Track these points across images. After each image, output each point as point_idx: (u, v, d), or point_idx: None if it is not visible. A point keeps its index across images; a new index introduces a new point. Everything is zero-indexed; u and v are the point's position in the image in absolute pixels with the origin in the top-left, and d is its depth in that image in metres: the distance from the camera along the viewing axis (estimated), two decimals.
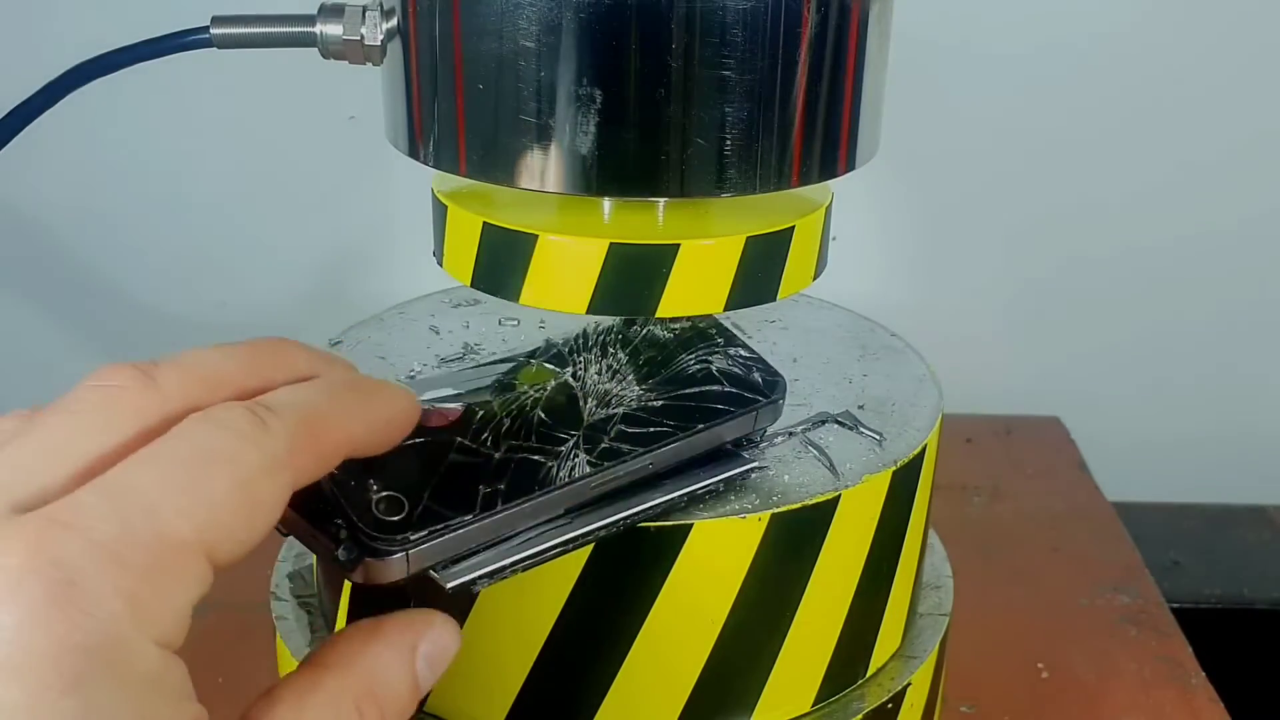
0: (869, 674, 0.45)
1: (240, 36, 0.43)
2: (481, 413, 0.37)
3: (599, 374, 0.40)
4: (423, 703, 0.42)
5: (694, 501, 0.39)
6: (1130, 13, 0.78)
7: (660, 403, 0.39)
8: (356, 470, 0.32)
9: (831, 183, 0.43)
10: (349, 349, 0.49)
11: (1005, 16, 0.78)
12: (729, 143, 0.38)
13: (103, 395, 0.26)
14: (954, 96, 0.79)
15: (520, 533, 0.35)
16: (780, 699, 0.42)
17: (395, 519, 0.31)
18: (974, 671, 0.58)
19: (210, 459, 0.24)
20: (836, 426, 0.44)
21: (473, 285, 0.43)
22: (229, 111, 0.80)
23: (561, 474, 0.36)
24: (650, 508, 0.38)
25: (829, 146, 0.40)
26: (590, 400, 0.39)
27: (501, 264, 0.41)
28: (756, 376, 0.41)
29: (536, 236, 0.40)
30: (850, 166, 0.42)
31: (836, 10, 0.38)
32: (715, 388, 0.41)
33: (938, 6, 0.75)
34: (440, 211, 0.43)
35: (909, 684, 0.45)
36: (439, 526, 0.32)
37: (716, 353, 0.42)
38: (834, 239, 0.45)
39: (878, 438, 0.43)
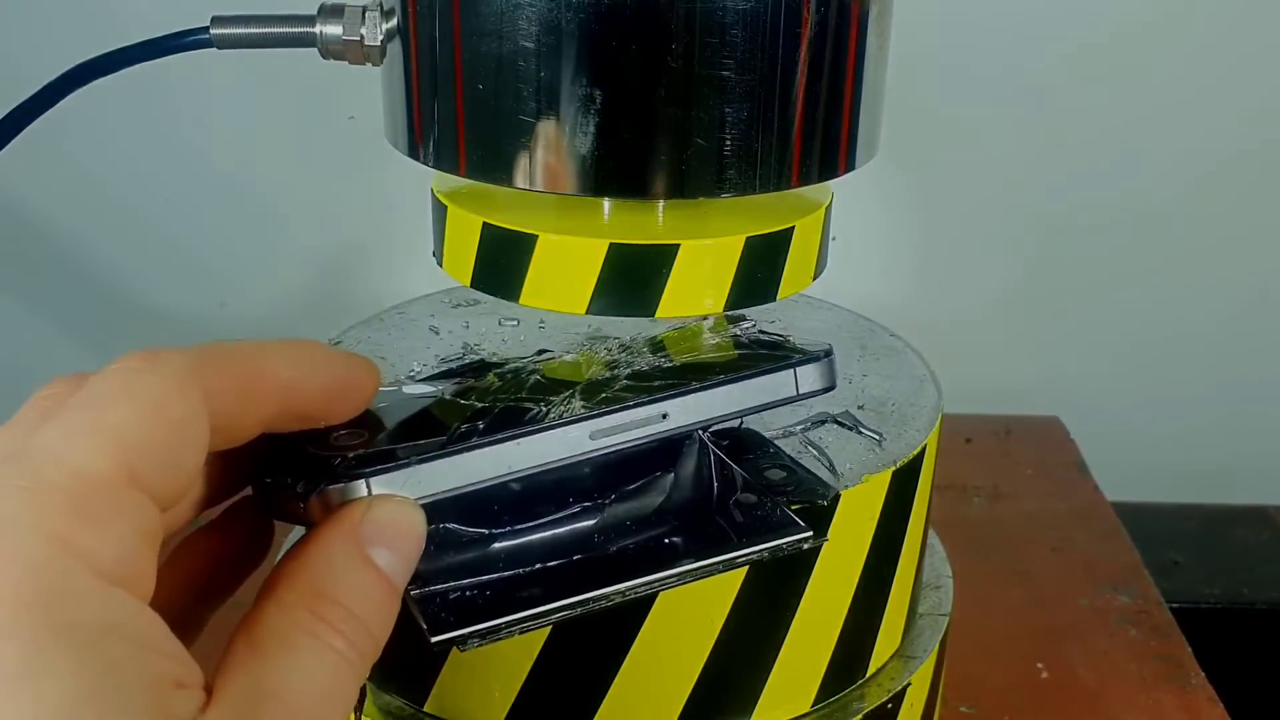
0: (869, 674, 0.45)
1: (240, 37, 0.43)
2: (472, 381, 0.35)
3: (611, 353, 0.38)
4: (424, 686, 0.42)
5: (727, 568, 0.34)
6: (1133, 14, 0.78)
7: (679, 363, 0.35)
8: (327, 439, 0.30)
9: (832, 183, 0.43)
10: (349, 349, 0.49)
11: (1005, 17, 0.78)
12: (729, 143, 0.38)
13: (40, 402, 0.27)
14: (954, 97, 0.79)
15: (521, 596, 0.32)
16: (780, 699, 0.42)
17: (359, 454, 0.30)
18: (974, 671, 0.58)
19: (107, 396, 0.24)
20: (836, 426, 0.44)
21: (472, 285, 0.43)
22: (229, 111, 0.80)
23: (552, 415, 0.32)
24: (674, 575, 0.32)
25: (829, 147, 0.40)
26: (597, 366, 0.35)
27: (501, 264, 0.41)
28: (797, 345, 0.38)
29: (536, 236, 0.40)
30: (850, 167, 0.42)
31: (836, 10, 0.38)
32: (748, 351, 0.37)
33: (938, 7, 0.75)
34: (440, 211, 0.43)
35: (909, 684, 0.45)
36: (406, 458, 0.30)
37: (750, 333, 0.39)
38: (834, 239, 0.45)
39: (877, 438, 0.43)
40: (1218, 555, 0.76)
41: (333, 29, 0.41)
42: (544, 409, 0.32)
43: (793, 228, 0.42)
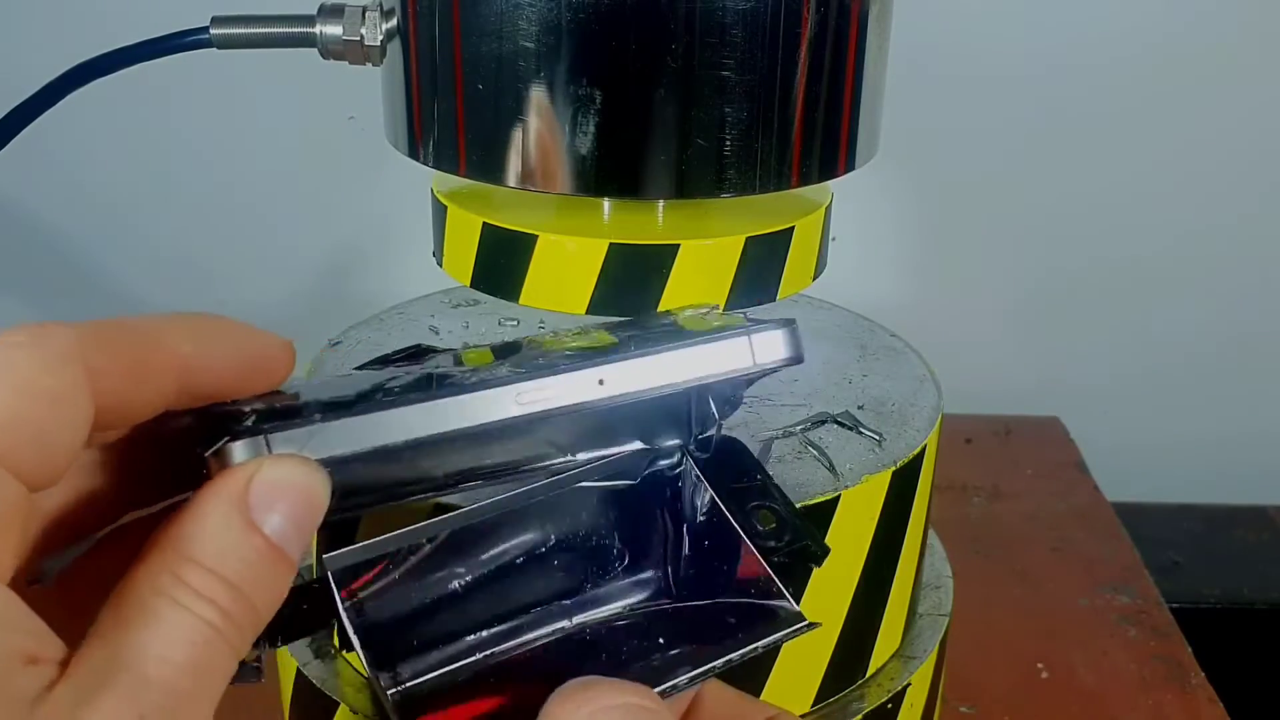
0: (869, 674, 0.44)
1: (240, 37, 0.43)
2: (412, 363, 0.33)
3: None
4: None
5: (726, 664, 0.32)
6: (1131, 15, 0.78)
7: (628, 334, 0.33)
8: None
9: (831, 183, 0.43)
10: (349, 349, 0.49)
11: (1005, 17, 0.78)
12: (729, 143, 0.38)
13: None
14: (954, 97, 0.79)
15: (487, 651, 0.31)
16: (780, 699, 0.42)
17: (262, 409, 0.27)
18: (974, 671, 0.58)
19: None
20: (836, 426, 0.44)
21: (472, 285, 0.43)
22: (228, 112, 0.80)
23: (473, 379, 0.29)
24: (669, 687, 0.31)
25: (829, 147, 0.40)
26: (550, 343, 0.33)
27: (501, 264, 0.41)
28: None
29: (536, 237, 0.40)
30: (850, 167, 0.42)
31: (836, 11, 0.38)
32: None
33: (938, 7, 0.75)
34: (440, 212, 0.43)
35: (909, 684, 0.45)
36: (311, 416, 0.27)
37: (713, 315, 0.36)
38: (834, 239, 0.45)
39: (877, 438, 0.43)
40: (1218, 555, 0.76)
41: (333, 29, 0.41)
42: (469, 375, 0.30)
43: (793, 228, 0.42)
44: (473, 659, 0.33)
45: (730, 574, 0.34)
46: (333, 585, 0.31)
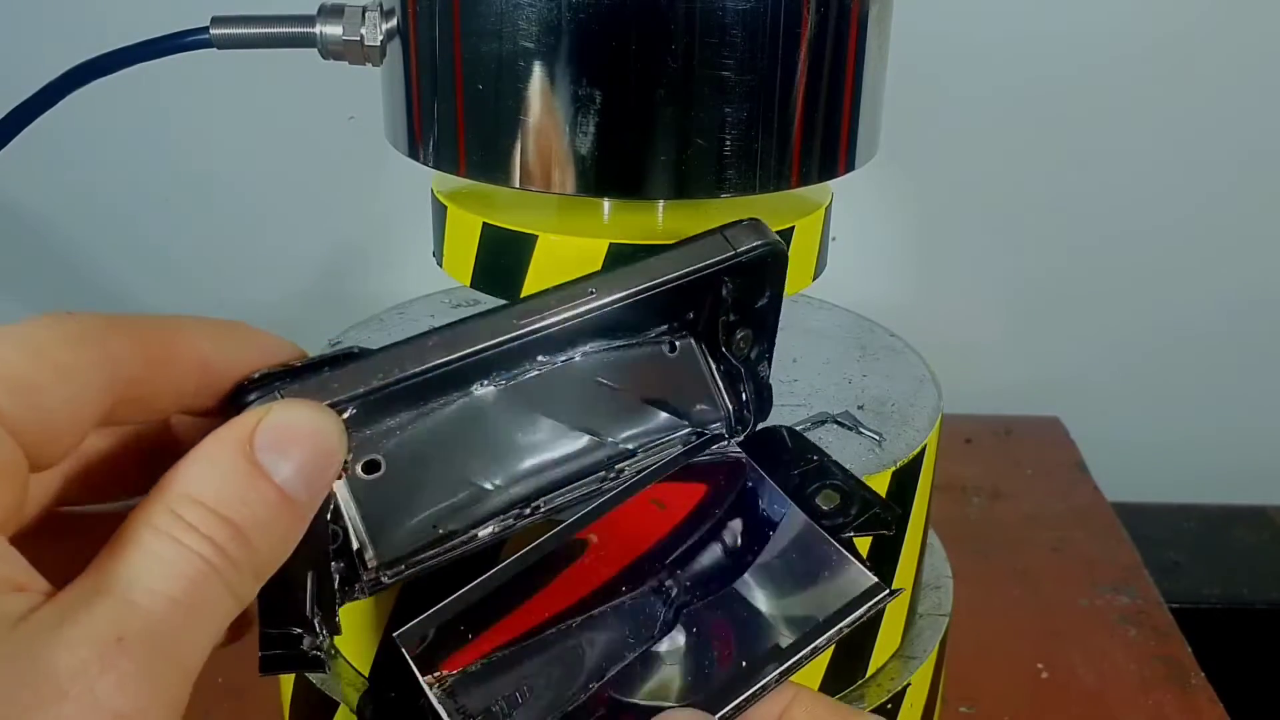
0: (869, 674, 0.44)
1: (240, 37, 0.43)
2: None
3: None
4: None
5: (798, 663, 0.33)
6: (1130, 12, 0.78)
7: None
8: None
9: (831, 183, 0.43)
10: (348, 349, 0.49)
11: (1005, 17, 0.78)
12: (728, 143, 0.38)
13: None
14: (954, 97, 0.79)
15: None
16: None
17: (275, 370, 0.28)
18: (974, 671, 0.58)
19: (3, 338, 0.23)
20: (836, 426, 0.44)
21: (472, 285, 0.43)
22: (229, 112, 0.80)
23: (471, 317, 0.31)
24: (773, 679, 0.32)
25: (828, 147, 0.40)
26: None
27: (501, 264, 0.41)
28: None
29: (536, 237, 0.40)
30: (850, 167, 0.42)
31: (836, 11, 0.38)
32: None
33: (937, 6, 0.75)
34: (440, 212, 0.43)
35: (909, 684, 0.45)
36: (325, 369, 0.29)
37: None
38: (834, 239, 0.45)
39: (877, 438, 0.43)
40: (1218, 555, 0.76)
41: (333, 29, 0.41)
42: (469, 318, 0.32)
43: (792, 228, 0.42)
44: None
45: (799, 561, 0.34)
46: (413, 666, 0.31)
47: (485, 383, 0.32)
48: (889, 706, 0.44)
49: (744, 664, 0.33)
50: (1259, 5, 0.78)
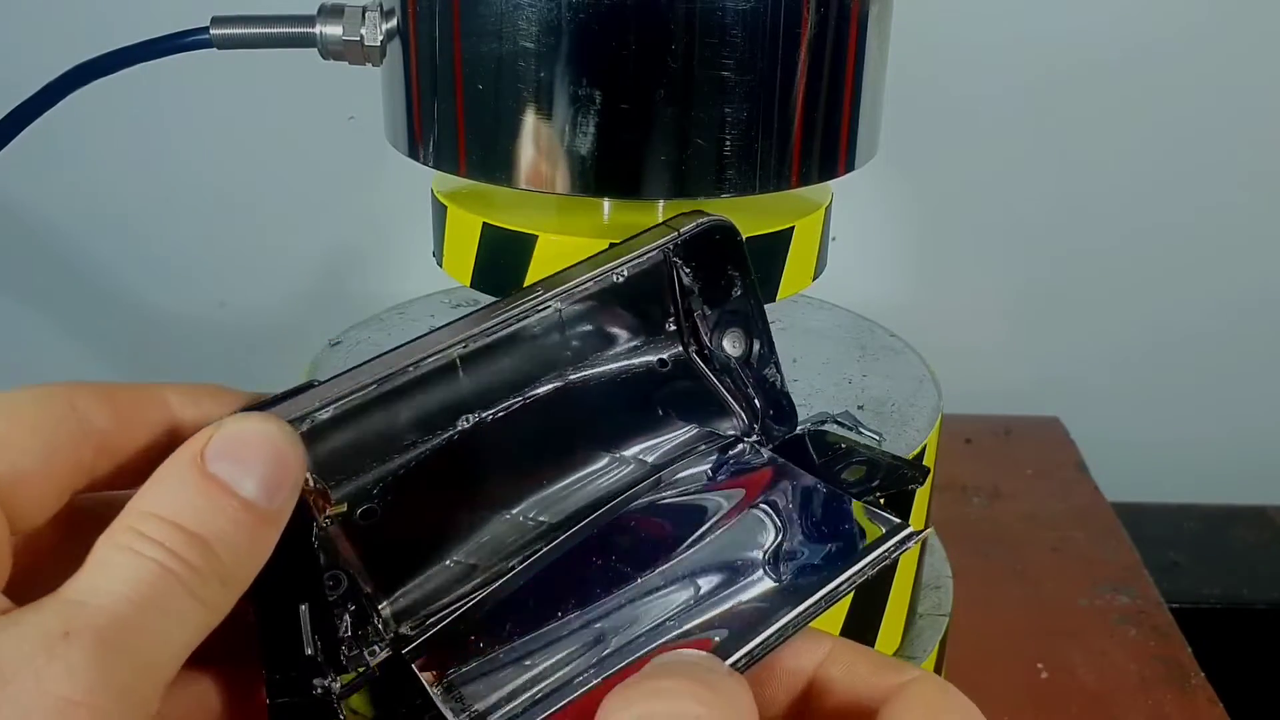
0: None
1: (240, 37, 0.43)
2: None
3: None
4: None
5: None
6: (1129, 13, 0.78)
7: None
8: None
9: (831, 183, 0.43)
10: (349, 349, 0.49)
11: (1005, 16, 0.78)
12: (728, 143, 0.38)
13: None
14: (953, 97, 0.79)
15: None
16: None
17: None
18: (974, 671, 0.58)
19: None
20: (836, 426, 0.44)
21: (472, 285, 0.43)
22: (229, 112, 0.80)
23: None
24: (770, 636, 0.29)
25: (828, 147, 0.40)
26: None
27: (501, 264, 0.41)
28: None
29: (536, 237, 0.40)
30: (850, 167, 0.42)
31: (836, 11, 0.38)
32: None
33: (938, 6, 0.75)
34: (440, 212, 0.43)
35: None
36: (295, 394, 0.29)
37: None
38: (834, 239, 0.45)
39: (877, 438, 0.43)
40: (1218, 555, 0.76)
41: (333, 29, 0.41)
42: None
43: (792, 228, 0.42)
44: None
45: (822, 520, 0.33)
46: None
47: (471, 417, 0.32)
48: None
49: (760, 609, 0.31)
50: (1261, 5, 0.78)
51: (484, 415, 0.32)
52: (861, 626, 0.43)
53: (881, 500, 0.33)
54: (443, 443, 0.32)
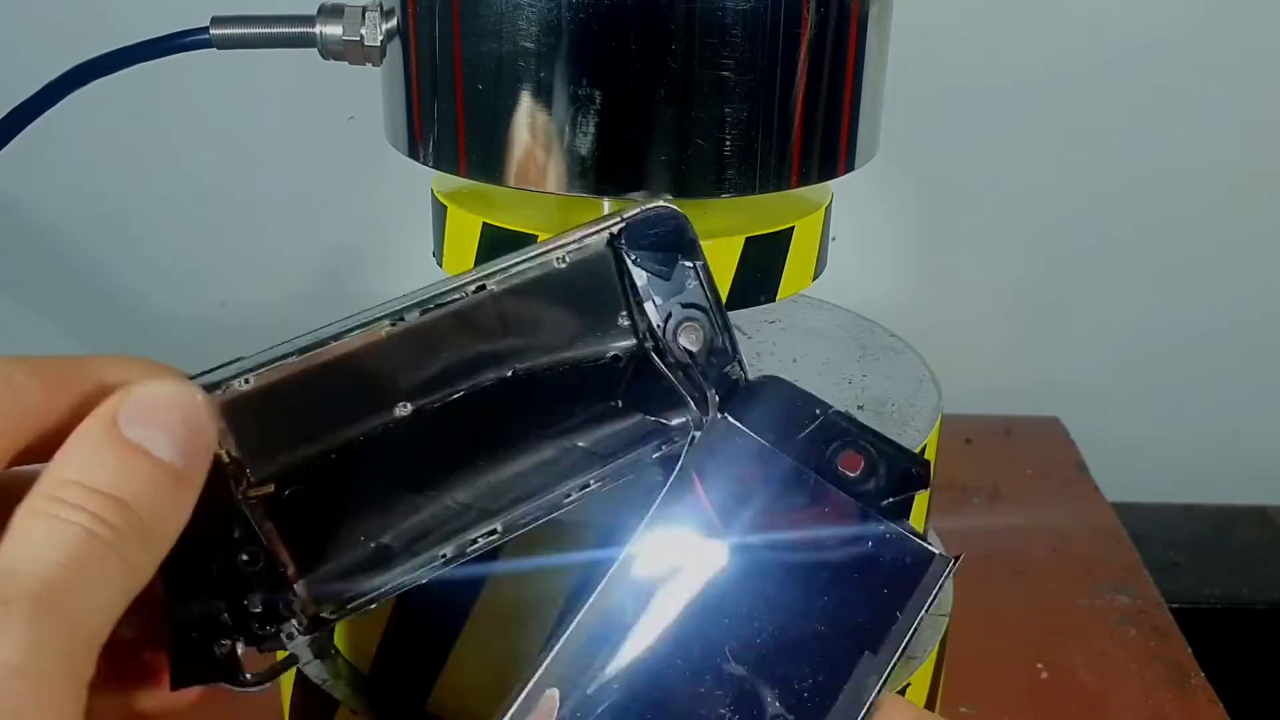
0: None
1: (240, 37, 0.43)
2: None
3: None
4: (419, 688, 0.42)
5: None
6: (1130, 14, 0.78)
7: None
8: None
9: (832, 183, 0.43)
10: None
11: (1006, 17, 0.78)
12: (728, 143, 0.38)
13: None
14: (953, 97, 0.79)
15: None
16: None
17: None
18: (974, 671, 0.58)
19: None
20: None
21: None
22: (229, 112, 0.80)
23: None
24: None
25: (828, 147, 0.40)
26: None
27: None
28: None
29: (536, 237, 0.40)
30: (850, 167, 0.42)
31: (836, 11, 0.38)
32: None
33: (938, 7, 0.75)
34: (440, 212, 0.43)
35: (909, 684, 0.45)
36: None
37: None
38: (834, 239, 0.45)
39: None
40: (1218, 555, 0.76)
41: (333, 29, 0.41)
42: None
43: (793, 228, 0.42)
44: None
45: (850, 547, 0.31)
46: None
47: (409, 404, 0.32)
48: None
49: (831, 681, 0.30)
50: (1261, 4, 0.78)
51: (421, 404, 0.32)
52: None
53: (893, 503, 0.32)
54: (378, 429, 0.31)
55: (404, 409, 0.31)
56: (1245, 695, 0.61)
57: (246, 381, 0.29)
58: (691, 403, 0.34)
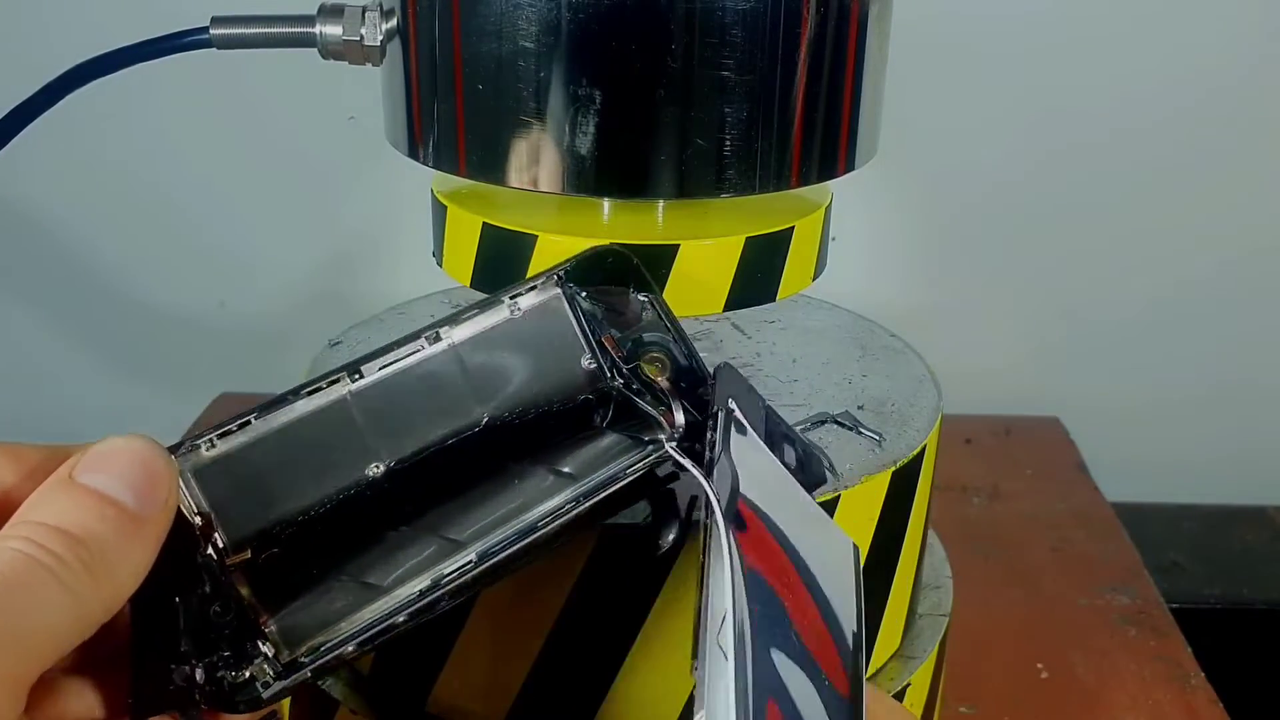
0: (869, 674, 0.44)
1: (240, 37, 0.43)
2: None
3: None
4: (417, 695, 0.42)
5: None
6: (1132, 13, 0.78)
7: None
8: None
9: (831, 183, 0.43)
10: (349, 349, 0.49)
11: (1007, 17, 0.78)
12: (728, 143, 0.38)
13: None
14: (953, 97, 0.79)
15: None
16: None
17: None
18: (974, 671, 0.58)
19: None
20: (836, 427, 0.44)
21: (473, 285, 0.43)
22: (229, 111, 0.80)
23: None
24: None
25: (828, 147, 0.40)
26: None
27: (501, 264, 0.41)
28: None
29: (536, 237, 0.40)
30: (850, 167, 0.42)
31: (836, 11, 0.38)
32: None
33: (939, 6, 0.75)
34: (440, 212, 0.43)
35: (909, 684, 0.45)
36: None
37: None
38: (833, 239, 0.45)
39: (877, 438, 0.43)
40: (1218, 555, 0.76)
41: (333, 29, 0.41)
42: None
43: (792, 228, 0.42)
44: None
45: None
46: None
47: (380, 465, 0.32)
48: None
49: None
50: (1265, 13, 0.78)
51: (394, 462, 0.32)
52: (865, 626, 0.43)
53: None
54: (351, 489, 0.32)
55: (377, 469, 0.32)
56: (1245, 695, 0.61)
57: (211, 445, 0.30)
58: (662, 420, 0.34)
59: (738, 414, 0.32)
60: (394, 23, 0.40)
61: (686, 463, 0.32)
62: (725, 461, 0.30)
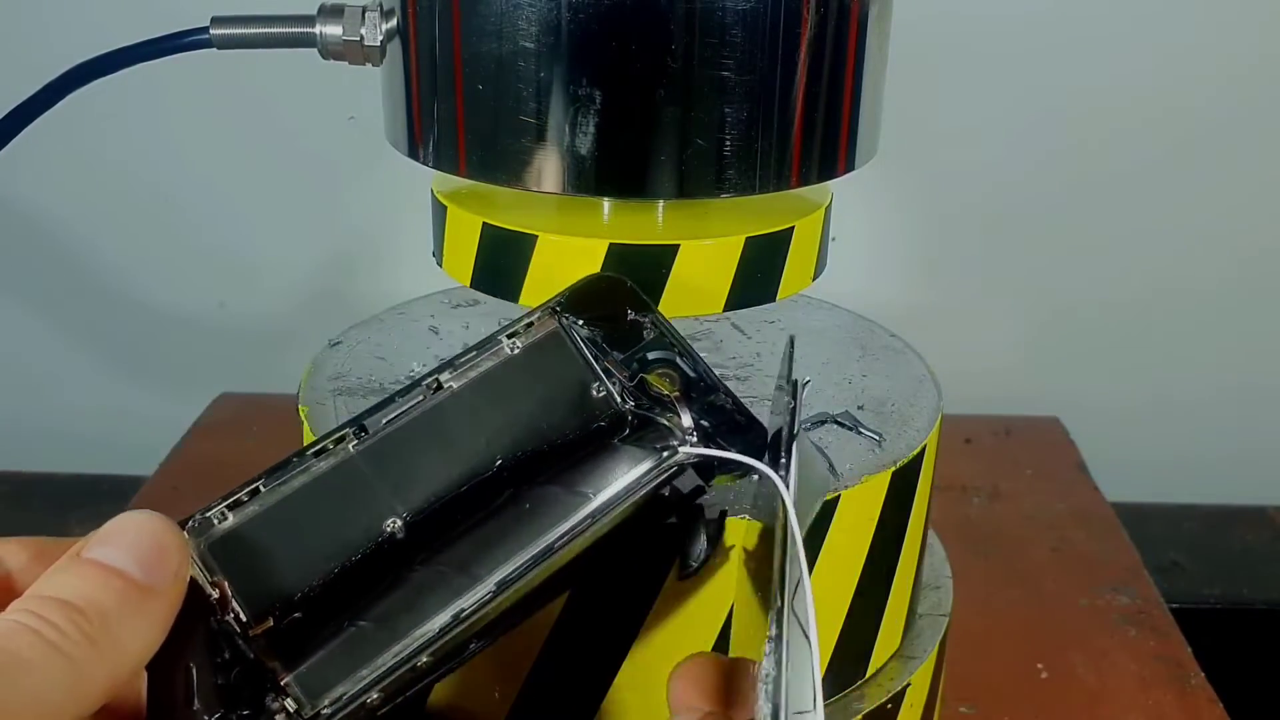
0: (868, 674, 0.45)
1: (240, 37, 0.43)
2: None
3: None
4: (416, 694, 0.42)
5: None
6: (1132, 13, 0.78)
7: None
8: None
9: (831, 183, 0.43)
10: (349, 349, 0.49)
11: (1006, 17, 0.78)
12: (728, 143, 0.38)
13: None
14: (953, 97, 0.79)
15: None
16: None
17: None
18: (974, 671, 0.58)
19: None
20: (836, 427, 0.44)
21: (472, 286, 0.43)
22: (229, 112, 0.80)
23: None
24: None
25: (828, 147, 0.40)
26: None
27: (501, 264, 0.41)
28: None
29: (536, 237, 0.40)
30: (850, 167, 0.42)
31: (836, 11, 0.38)
32: None
33: (939, 6, 0.75)
34: (440, 212, 0.43)
35: (909, 684, 0.45)
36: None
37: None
38: (834, 239, 0.45)
39: (877, 438, 0.43)
40: (1218, 555, 0.76)
41: (333, 29, 0.41)
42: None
43: (792, 228, 0.42)
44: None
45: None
46: None
47: (396, 520, 0.32)
48: (889, 707, 0.44)
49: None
50: (1267, 14, 0.78)
51: (408, 516, 0.32)
52: (862, 627, 0.43)
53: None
54: (370, 547, 0.31)
55: (394, 524, 0.32)
56: (1245, 695, 0.61)
57: (223, 516, 0.30)
58: (674, 429, 0.35)
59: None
60: (394, 23, 0.40)
61: (705, 450, 0.33)
62: (804, 440, 0.31)
